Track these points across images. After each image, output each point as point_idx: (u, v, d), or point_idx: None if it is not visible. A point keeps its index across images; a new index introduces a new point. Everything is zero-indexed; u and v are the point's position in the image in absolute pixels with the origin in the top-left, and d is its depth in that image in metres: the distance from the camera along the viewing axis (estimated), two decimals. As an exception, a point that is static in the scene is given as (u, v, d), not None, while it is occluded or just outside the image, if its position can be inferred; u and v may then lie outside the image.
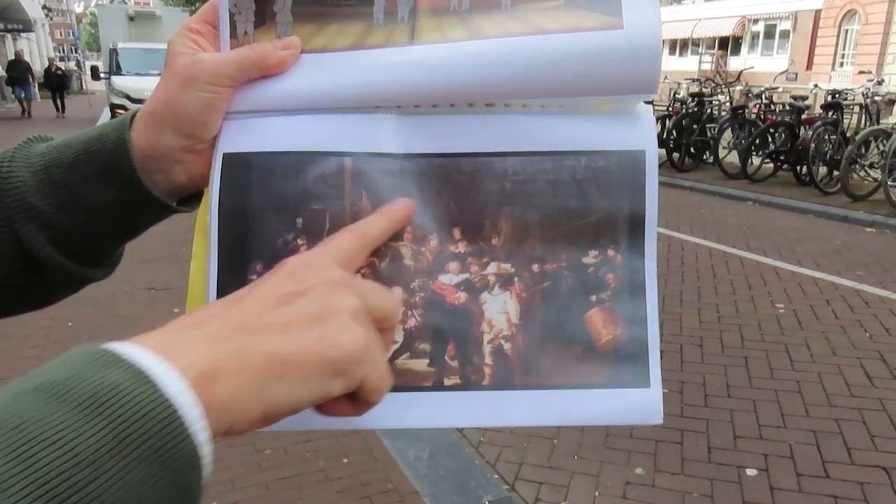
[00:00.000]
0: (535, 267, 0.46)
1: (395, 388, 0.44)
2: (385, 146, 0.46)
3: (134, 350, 0.28)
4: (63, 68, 22.17)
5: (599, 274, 0.46)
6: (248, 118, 0.46)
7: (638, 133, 0.47)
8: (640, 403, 0.45)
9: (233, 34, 0.47)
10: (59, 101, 19.11)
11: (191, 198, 0.51)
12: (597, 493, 2.64)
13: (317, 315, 0.33)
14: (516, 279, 0.46)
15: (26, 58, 22.33)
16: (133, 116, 0.47)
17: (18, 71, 19.02)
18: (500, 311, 0.46)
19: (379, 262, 0.45)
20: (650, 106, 0.48)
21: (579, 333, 0.46)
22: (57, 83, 19.19)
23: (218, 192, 0.45)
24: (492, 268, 0.46)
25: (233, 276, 0.44)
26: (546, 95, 0.46)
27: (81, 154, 0.47)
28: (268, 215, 0.45)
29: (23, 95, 18.90)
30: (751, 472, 2.76)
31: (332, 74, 0.46)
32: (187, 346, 0.30)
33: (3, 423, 0.24)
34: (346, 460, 2.73)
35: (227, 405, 0.30)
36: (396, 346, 0.45)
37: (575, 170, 0.46)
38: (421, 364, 0.45)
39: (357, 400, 0.36)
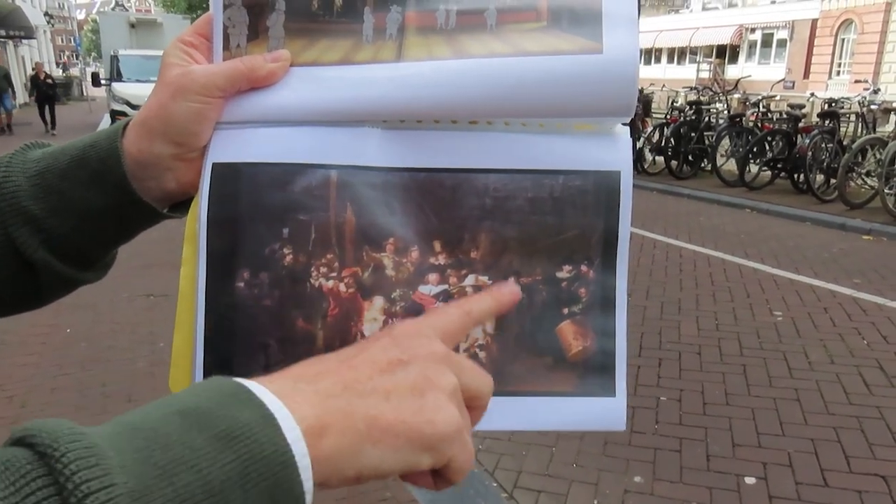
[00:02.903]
0: (511, 280, 0.47)
1: None
2: (370, 160, 0.47)
3: (263, 392, 0.31)
4: (53, 76, 18.81)
5: (572, 288, 0.48)
6: (237, 129, 0.47)
7: (614, 154, 0.48)
8: (605, 411, 0.47)
9: (226, 47, 0.48)
10: (48, 115, 16.06)
11: (181, 204, 0.51)
12: (595, 502, 2.63)
13: (417, 387, 0.35)
14: None
15: (28, 64, 20.68)
16: (126, 125, 0.49)
17: None
18: None
19: (362, 272, 0.46)
20: (627, 128, 0.48)
21: (550, 344, 0.47)
22: (45, 94, 16.12)
23: (207, 201, 0.45)
24: (470, 280, 0.47)
25: (221, 282, 0.45)
26: (526, 115, 0.47)
27: (75, 160, 0.48)
28: (255, 224, 0.45)
29: (5, 107, 15.83)
30: (749, 480, 2.76)
31: (321, 88, 0.47)
32: (303, 398, 0.32)
33: (155, 440, 0.28)
34: (343, 468, 2.72)
35: (328, 460, 0.31)
36: None
37: (553, 188, 0.47)
38: None
39: (440, 476, 0.37)
